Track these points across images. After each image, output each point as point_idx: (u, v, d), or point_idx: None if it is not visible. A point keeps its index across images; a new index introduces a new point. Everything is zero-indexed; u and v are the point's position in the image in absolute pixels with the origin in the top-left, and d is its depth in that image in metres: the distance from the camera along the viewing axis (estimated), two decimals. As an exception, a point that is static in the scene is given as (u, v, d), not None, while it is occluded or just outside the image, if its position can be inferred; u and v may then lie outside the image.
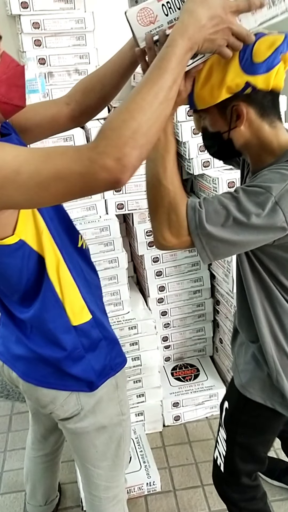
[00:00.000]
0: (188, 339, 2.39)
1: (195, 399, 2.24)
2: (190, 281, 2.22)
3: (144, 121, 0.81)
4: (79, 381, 1.16)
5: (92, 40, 1.92)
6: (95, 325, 1.17)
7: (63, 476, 1.98)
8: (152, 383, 2.14)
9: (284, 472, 1.86)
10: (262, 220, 0.95)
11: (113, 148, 0.79)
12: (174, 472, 2.02)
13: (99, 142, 0.81)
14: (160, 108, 0.83)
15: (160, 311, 2.26)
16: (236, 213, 0.96)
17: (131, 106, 0.82)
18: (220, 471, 1.43)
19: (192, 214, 0.98)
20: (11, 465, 2.12)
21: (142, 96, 0.82)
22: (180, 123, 1.90)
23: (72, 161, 0.81)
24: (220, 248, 1.00)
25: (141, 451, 2.03)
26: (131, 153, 0.79)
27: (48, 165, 0.81)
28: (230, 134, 1.06)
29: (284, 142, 1.05)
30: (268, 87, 0.98)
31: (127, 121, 0.80)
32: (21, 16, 1.80)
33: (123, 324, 2.03)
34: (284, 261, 1.11)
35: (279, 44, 0.95)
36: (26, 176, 0.81)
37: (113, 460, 1.29)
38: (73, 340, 1.13)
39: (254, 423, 1.33)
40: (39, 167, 0.81)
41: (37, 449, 1.62)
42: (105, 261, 1.97)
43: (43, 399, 1.19)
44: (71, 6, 1.86)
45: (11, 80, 0.98)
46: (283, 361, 1.20)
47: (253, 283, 1.16)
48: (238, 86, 0.98)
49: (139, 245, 2.07)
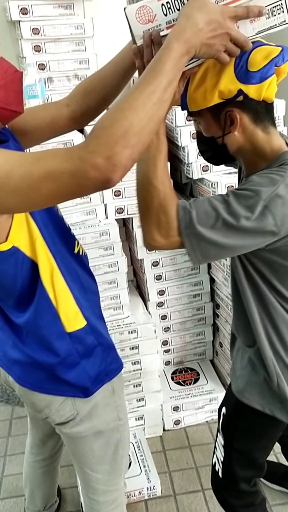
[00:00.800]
0: (188, 343, 2.39)
1: (195, 403, 2.23)
2: (189, 285, 2.22)
3: (136, 121, 0.80)
4: (74, 387, 1.16)
5: (92, 46, 1.93)
6: (90, 332, 1.17)
7: (63, 481, 1.98)
8: (152, 387, 2.14)
9: (284, 476, 1.86)
10: (251, 223, 0.95)
11: (103, 147, 0.79)
12: (174, 476, 2.02)
13: (90, 141, 0.81)
14: (154, 109, 0.83)
15: (160, 315, 2.26)
16: (226, 215, 0.96)
17: (123, 105, 0.82)
18: (218, 477, 1.42)
19: (182, 214, 0.98)
20: (11, 470, 2.12)
21: (135, 96, 0.82)
22: (179, 128, 1.91)
23: (62, 161, 0.81)
24: (209, 250, 1.00)
25: (141, 455, 2.02)
26: (122, 152, 0.79)
27: (38, 166, 0.81)
28: (224, 139, 1.06)
29: (277, 147, 1.06)
30: (260, 97, 0.99)
31: (118, 121, 0.80)
32: (20, 22, 1.81)
33: (123, 328, 2.03)
34: (277, 266, 1.11)
35: (275, 56, 0.95)
36: (18, 178, 0.81)
37: (111, 464, 1.29)
38: (67, 347, 1.13)
39: (251, 429, 1.33)
40: (30, 169, 0.81)
41: (36, 454, 1.62)
42: (104, 265, 1.97)
43: (39, 403, 1.19)
44: (70, 12, 1.88)
45: (9, 85, 0.98)
46: (279, 365, 1.20)
47: (247, 287, 1.16)
48: (231, 92, 0.98)
49: (139, 249, 2.07)
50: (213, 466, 1.45)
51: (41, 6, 1.82)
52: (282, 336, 1.18)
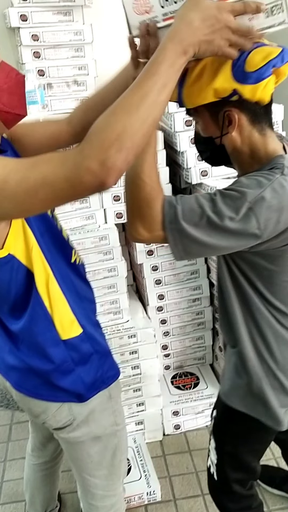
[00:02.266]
0: (188, 347, 2.39)
1: (195, 407, 2.23)
2: (189, 289, 2.23)
3: (130, 123, 0.79)
4: (69, 393, 1.17)
5: (91, 52, 1.94)
6: (86, 340, 1.17)
7: (63, 486, 1.97)
8: (152, 392, 2.14)
9: (284, 481, 1.86)
10: (235, 224, 0.95)
11: (97, 151, 0.79)
12: (174, 481, 2.02)
13: (84, 146, 0.81)
14: (148, 110, 0.81)
15: (159, 319, 2.26)
16: (211, 213, 0.96)
17: (117, 109, 0.82)
18: (214, 480, 1.43)
19: (167, 209, 0.98)
20: (11, 475, 2.11)
21: (129, 99, 0.82)
22: (178, 133, 1.92)
23: (57, 166, 0.82)
24: (192, 247, 1.00)
25: (141, 460, 2.02)
26: (116, 156, 0.79)
27: (34, 172, 0.82)
28: (222, 139, 1.07)
29: (271, 150, 1.06)
30: (254, 98, 0.98)
31: (112, 124, 0.79)
32: (20, 28, 1.82)
33: (122, 333, 2.03)
34: (262, 269, 1.11)
35: (273, 57, 0.95)
36: (14, 183, 0.82)
37: (109, 469, 1.29)
38: (62, 354, 1.14)
39: (240, 433, 1.32)
40: (26, 174, 0.82)
41: (37, 456, 1.62)
42: (104, 270, 1.97)
43: (35, 409, 1.20)
44: (69, 18, 1.89)
45: (12, 89, 0.99)
46: (263, 367, 1.20)
47: (231, 288, 1.16)
48: (226, 91, 0.98)
49: (138, 254, 2.08)
50: (208, 469, 1.45)
51: (41, 13, 1.83)
52: (265, 338, 1.18)
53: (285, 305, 1.15)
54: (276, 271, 1.10)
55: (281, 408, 1.22)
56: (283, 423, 1.23)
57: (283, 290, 1.14)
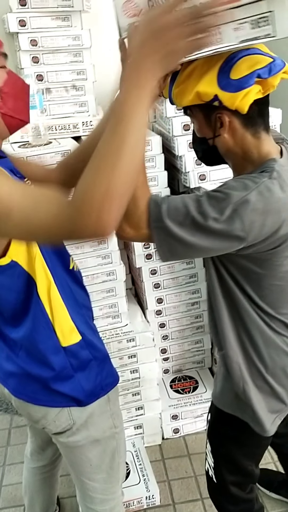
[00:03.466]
0: (187, 351, 2.39)
1: (194, 411, 2.23)
2: (188, 293, 2.23)
3: (116, 177, 0.78)
4: (68, 398, 1.17)
5: (89, 57, 1.95)
6: (85, 346, 1.18)
7: (62, 491, 1.97)
8: (150, 396, 2.14)
9: (281, 485, 1.85)
10: (219, 225, 0.95)
11: (91, 209, 0.78)
12: (173, 485, 2.01)
13: (77, 203, 0.80)
14: (130, 156, 0.79)
15: (158, 323, 2.26)
16: (195, 213, 0.96)
17: (100, 163, 0.80)
18: (213, 482, 1.43)
19: (153, 208, 0.99)
20: (10, 479, 2.11)
21: (108, 149, 0.79)
22: (176, 137, 1.92)
23: (58, 219, 0.82)
24: (176, 246, 1.00)
25: (140, 464, 2.02)
26: (111, 210, 0.79)
27: (35, 219, 0.82)
28: (214, 141, 1.07)
29: (265, 153, 1.06)
30: (232, 106, 0.98)
31: (98, 182, 0.78)
32: (19, 34, 1.83)
33: (121, 337, 2.03)
34: (250, 272, 1.11)
35: (259, 67, 0.94)
36: (17, 221, 0.83)
37: (108, 472, 1.29)
38: (62, 361, 1.14)
39: (231, 436, 1.32)
40: (29, 218, 0.82)
41: (36, 460, 1.62)
42: (103, 273, 1.98)
43: (35, 415, 1.20)
44: (68, 23, 1.90)
45: (18, 96, 1.01)
46: (251, 370, 1.19)
47: (219, 291, 1.16)
48: (208, 95, 0.98)
49: (137, 257, 2.08)
50: (207, 472, 1.45)
51: (39, 18, 1.84)
52: (254, 341, 1.17)
53: (273, 309, 1.15)
54: (264, 274, 1.10)
55: (270, 413, 1.22)
56: (267, 428, 1.22)
57: (272, 294, 1.14)
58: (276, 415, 1.23)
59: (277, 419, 1.24)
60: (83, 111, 2.00)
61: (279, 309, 1.16)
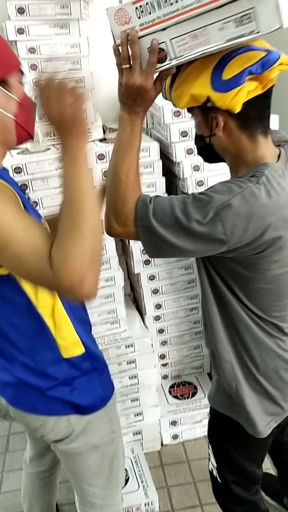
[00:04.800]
0: (186, 356, 2.39)
1: (193, 417, 2.23)
2: (186, 299, 2.23)
3: (84, 244, 0.86)
4: (66, 406, 1.17)
5: (87, 64, 1.96)
6: (87, 358, 1.19)
7: (61, 497, 1.96)
8: (149, 402, 2.14)
9: (277, 491, 1.84)
10: (201, 228, 0.97)
11: (70, 277, 0.85)
12: (172, 491, 2.01)
13: (56, 271, 0.85)
14: (91, 219, 0.88)
15: (157, 328, 2.26)
16: (180, 214, 0.98)
17: (69, 235, 0.86)
18: (218, 482, 1.42)
19: (140, 207, 1.02)
20: (9, 486, 2.10)
21: (70, 220, 0.87)
22: (174, 144, 1.93)
23: (43, 275, 0.87)
24: (161, 245, 1.02)
25: (139, 470, 2.01)
26: (88, 275, 0.86)
27: (27, 265, 0.88)
28: (211, 139, 1.09)
29: (259, 156, 1.07)
30: (223, 106, 0.99)
31: (71, 252, 0.85)
32: (17, 41, 1.85)
33: (120, 343, 2.03)
34: (238, 275, 1.12)
35: (250, 64, 0.95)
36: (10, 257, 0.88)
37: (107, 478, 1.29)
38: (62, 371, 1.15)
39: (229, 437, 1.32)
40: (22, 259, 0.87)
41: (35, 466, 1.61)
42: (101, 279, 1.97)
43: (33, 424, 1.20)
44: (66, 31, 1.91)
45: (29, 111, 1.07)
46: (244, 371, 1.20)
47: (210, 293, 1.17)
48: (201, 97, 1.00)
49: (135, 263, 2.08)
50: (211, 472, 1.45)
51: (37, 26, 1.85)
52: (245, 342, 1.18)
53: (264, 312, 1.16)
54: (252, 277, 1.11)
55: (265, 415, 1.22)
56: (259, 430, 1.22)
57: (261, 297, 1.14)
58: (272, 418, 1.23)
59: (272, 422, 1.24)
60: (81, 118, 2.01)
61: (269, 312, 1.16)
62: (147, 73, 1.00)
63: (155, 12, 0.96)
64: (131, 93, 1.02)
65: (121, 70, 1.03)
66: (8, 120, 1.03)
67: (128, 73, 1.01)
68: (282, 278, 1.12)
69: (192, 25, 0.94)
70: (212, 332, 1.20)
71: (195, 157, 1.92)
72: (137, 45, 0.99)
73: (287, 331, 1.20)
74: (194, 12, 0.92)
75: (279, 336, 1.19)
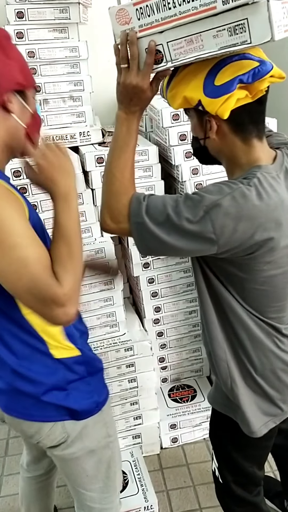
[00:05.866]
0: (185, 359, 2.39)
1: (193, 420, 2.22)
2: (185, 302, 2.23)
3: (80, 271, 0.99)
4: (61, 412, 1.17)
5: (86, 68, 1.97)
6: (82, 362, 1.19)
7: (61, 501, 1.96)
8: (149, 405, 2.13)
9: (277, 495, 1.84)
10: (191, 226, 0.99)
11: (70, 292, 0.94)
12: (172, 495, 2.00)
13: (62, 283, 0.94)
14: (78, 251, 0.99)
15: (156, 332, 2.26)
16: (171, 212, 1.00)
17: (68, 260, 0.96)
18: (219, 483, 1.42)
19: (134, 204, 1.04)
20: (8, 490, 2.09)
21: (61, 252, 0.97)
22: (173, 147, 1.94)
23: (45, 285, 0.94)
24: (153, 243, 1.04)
25: (138, 474, 2.01)
26: (77, 297, 0.98)
27: (31, 270, 0.92)
28: (205, 141, 1.11)
29: (254, 159, 1.08)
30: (213, 111, 1.01)
31: (69, 272, 0.95)
32: (16, 45, 1.84)
33: (119, 346, 2.03)
34: (232, 275, 1.12)
35: (242, 73, 0.97)
36: (14, 259, 0.92)
37: (105, 482, 1.29)
38: (56, 375, 1.15)
39: (228, 437, 1.32)
40: (29, 262, 0.92)
41: (31, 470, 1.61)
42: (100, 283, 1.98)
43: (28, 430, 1.20)
44: (65, 35, 1.92)
45: (38, 125, 1.15)
46: (241, 370, 1.20)
47: (205, 288, 1.18)
48: (193, 100, 1.03)
49: (135, 266, 2.08)
50: (213, 472, 1.45)
51: (36, 30, 1.86)
52: (242, 341, 1.18)
53: (259, 312, 1.16)
54: (246, 278, 1.12)
55: (262, 415, 1.22)
56: (253, 429, 1.21)
57: (256, 298, 1.15)
58: (270, 419, 1.23)
59: (270, 423, 1.23)
60: (80, 121, 2.02)
61: (266, 314, 1.17)
62: (144, 73, 1.02)
63: (154, 15, 0.98)
64: (128, 92, 1.04)
65: (119, 70, 1.05)
66: (20, 128, 1.08)
67: (126, 73, 1.03)
68: (276, 279, 1.13)
69: (188, 30, 0.96)
70: (208, 330, 1.21)
71: (194, 160, 1.92)
72: (135, 46, 1.01)
73: (285, 332, 1.20)
74: (190, 18, 0.94)
75: (277, 336, 1.19)
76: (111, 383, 2.02)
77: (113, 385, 2.04)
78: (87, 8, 1.99)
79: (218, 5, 0.89)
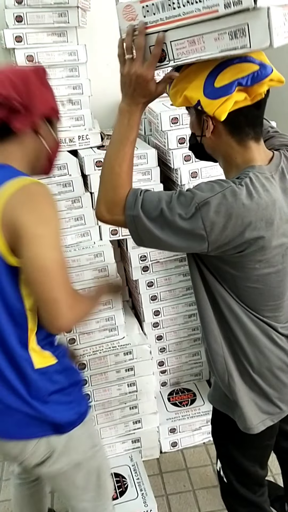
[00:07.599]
0: (184, 363, 2.39)
1: (192, 424, 2.22)
2: (185, 305, 2.23)
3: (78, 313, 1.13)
4: (44, 427, 1.15)
5: (85, 72, 1.97)
6: (61, 371, 1.18)
7: (59, 505, 1.95)
8: (148, 409, 2.12)
9: (278, 499, 1.83)
10: (183, 222, 1.01)
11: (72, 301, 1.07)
12: (171, 499, 1.99)
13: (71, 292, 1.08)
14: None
15: (155, 335, 2.25)
16: (165, 207, 1.02)
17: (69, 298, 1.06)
18: (224, 482, 1.42)
19: (131, 198, 1.06)
20: (7, 494, 2.08)
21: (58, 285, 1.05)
22: (172, 150, 1.94)
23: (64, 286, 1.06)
24: (146, 236, 1.07)
25: (138, 478, 2.00)
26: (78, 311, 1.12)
27: (59, 271, 1.05)
28: (202, 139, 1.13)
29: (248, 160, 1.09)
30: (211, 112, 1.03)
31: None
32: (15, 49, 1.86)
33: (118, 350, 2.02)
34: (225, 273, 1.14)
35: (241, 76, 0.98)
36: (51, 252, 1.04)
37: (96, 491, 1.29)
38: (36, 385, 1.13)
39: (228, 436, 1.32)
40: (60, 262, 1.06)
41: (23, 478, 1.60)
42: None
43: (13, 451, 1.18)
44: (64, 39, 1.92)
45: (58, 152, 1.24)
46: (238, 366, 1.20)
47: (201, 285, 1.18)
48: (192, 100, 1.04)
49: (134, 270, 2.08)
50: (218, 472, 1.44)
51: (35, 34, 1.86)
52: (238, 339, 1.18)
53: (254, 310, 1.17)
54: (238, 276, 1.13)
55: (260, 412, 1.21)
56: (249, 425, 1.21)
57: (250, 296, 1.16)
58: (267, 417, 1.23)
59: (268, 421, 1.23)
60: (79, 125, 2.02)
61: (261, 312, 1.17)
62: (149, 64, 1.03)
63: (159, 13, 1.00)
64: (131, 82, 1.04)
65: (123, 61, 1.06)
66: (45, 151, 1.18)
67: (131, 63, 1.04)
68: (270, 277, 1.14)
69: (191, 31, 0.98)
70: (204, 325, 1.21)
71: (193, 163, 1.92)
72: (143, 36, 1.02)
73: (281, 331, 1.20)
74: (193, 20, 0.96)
75: (273, 333, 1.19)
76: (110, 387, 2.02)
77: (112, 389, 2.03)
78: (86, 12, 1.99)
79: (220, 8, 0.91)
